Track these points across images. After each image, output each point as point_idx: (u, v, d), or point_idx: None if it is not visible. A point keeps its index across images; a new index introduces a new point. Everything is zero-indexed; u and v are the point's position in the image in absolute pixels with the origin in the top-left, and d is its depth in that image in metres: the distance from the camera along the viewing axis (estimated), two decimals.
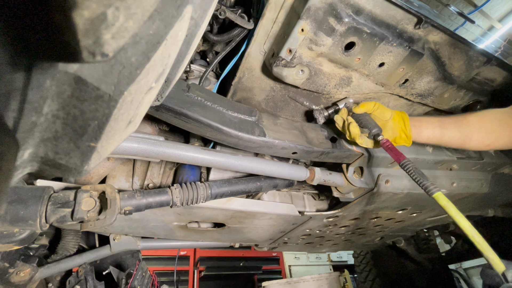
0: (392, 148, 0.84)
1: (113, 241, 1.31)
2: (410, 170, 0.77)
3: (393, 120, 0.95)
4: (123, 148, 0.76)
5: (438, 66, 0.98)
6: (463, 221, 0.67)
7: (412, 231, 1.93)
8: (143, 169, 1.03)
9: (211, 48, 1.11)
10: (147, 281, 1.46)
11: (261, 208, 1.10)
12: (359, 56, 0.87)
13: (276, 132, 0.91)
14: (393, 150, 0.83)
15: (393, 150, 0.83)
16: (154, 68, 0.35)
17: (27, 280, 1.12)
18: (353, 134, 0.91)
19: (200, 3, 0.40)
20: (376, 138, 0.90)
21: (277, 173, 0.99)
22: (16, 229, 0.60)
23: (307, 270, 4.94)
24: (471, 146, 0.97)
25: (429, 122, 0.97)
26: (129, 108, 0.38)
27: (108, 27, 0.24)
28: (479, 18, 0.84)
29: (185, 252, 3.87)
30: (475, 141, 0.95)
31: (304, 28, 0.78)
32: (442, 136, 0.96)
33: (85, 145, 0.38)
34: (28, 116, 0.33)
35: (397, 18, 0.83)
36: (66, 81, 0.31)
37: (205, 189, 0.90)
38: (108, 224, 0.67)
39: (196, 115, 0.78)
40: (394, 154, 0.82)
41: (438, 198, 0.70)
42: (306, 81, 0.94)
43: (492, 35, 0.89)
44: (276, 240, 1.55)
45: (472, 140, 0.95)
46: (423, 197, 1.23)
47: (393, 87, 1.03)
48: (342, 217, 1.28)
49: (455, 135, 0.95)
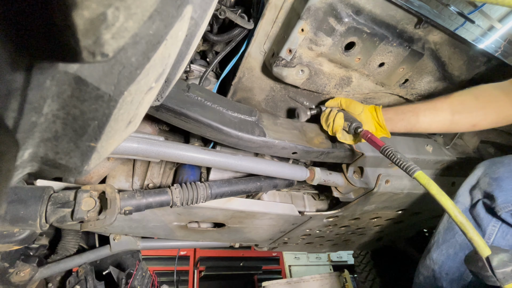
0: (372, 137, 0.84)
1: (113, 241, 1.31)
2: (391, 155, 0.76)
3: (365, 114, 0.94)
4: (123, 148, 0.76)
5: (438, 66, 0.98)
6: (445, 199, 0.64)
7: (412, 231, 1.93)
8: (143, 169, 1.03)
9: (211, 48, 1.11)
10: (147, 281, 1.46)
11: (261, 208, 1.10)
12: (359, 56, 0.87)
13: (276, 132, 0.91)
14: (374, 140, 0.83)
15: (373, 140, 0.83)
16: (154, 68, 0.35)
17: (27, 280, 1.12)
18: (337, 125, 0.90)
19: (200, 3, 0.40)
20: (356, 131, 0.89)
21: (277, 173, 1.00)
22: (16, 229, 0.60)
23: (307, 270, 4.94)
24: (454, 128, 0.93)
25: (403, 113, 0.94)
26: (129, 108, 0.38)
27: (108, 27, 0.24)
28: (479, 18, 0.84)
29: (185, 252, 3.86)
30: (458, 123, 0.91)
31: (304, 28, 0.78)
32: (418, 123, 0.93)
33: (85, 145, 0.38)
34: (28, 116, 0.33)
35: (397, 18, 0.83)
36: (66, 81, 0.31)
37: (205, 189, 0.90)
38: (108, 224, 0.67)
39: (196, 115, 0.78)
40: (375, 143, 0.82)
41: (419, 177, 0.68)
42: (306, 81, 0.94)
43: (492, 35, 0.89)
44: (276, 240, 1.55)
45: (453, 123, 0.91)
46: (423, 197, 1.23)
47: (393, 87, 1.03)
48: (342, 217, 1.28)
49: (433, 120, 0.92)
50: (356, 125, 0.90)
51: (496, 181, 0.84)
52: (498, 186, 0.83)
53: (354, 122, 0.90)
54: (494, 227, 0.87)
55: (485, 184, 0.87)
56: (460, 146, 1.27)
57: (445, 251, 0.97)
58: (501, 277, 0.58)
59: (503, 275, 0.58)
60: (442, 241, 0.98)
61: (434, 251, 1.00)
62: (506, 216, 0.82)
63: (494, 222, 0.87)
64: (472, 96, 0.90)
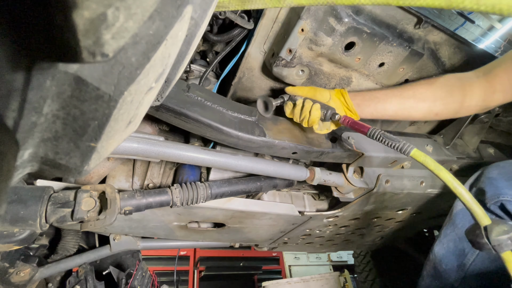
0: (354, 122, 0.80)
1: (113, 241, 1.31)
2: (380, 137, 0.73)
3: (333, 100, 0.90)
4: (123, 148, 0.76)
5: (438, 66, 0.98)
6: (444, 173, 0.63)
7: (412, 231, 1.93)
8: (143, 169, 1.03)
9: (211, 48, 1.11)
10: (147, 281, 1.46)
11: (261, 208, 1.10)
12: (359, 56, 0.87)
13: (276, 132, 0.91)
14: (356, 124, 0.79)
15: (356, 124, 0.79)
16: (154, 68, 0.35)
17: (27, 280, 1.12)
18: (314, 117, 0.84)
19: (200, 3, 0.40)
20: (334, 118, 0.84)
21: (277, 173, 1.00)
22: (16, 229, 0.60)
23: (307, 270, 4.94)
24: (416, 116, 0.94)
25: (370, 99, 0.93)
26: (129, 108, 0.38)
27: (108, 27, 0.24)
28: (479, 18, 0.84)
29: (185, 252, 3.86)
30: (421, 111, 0.92)
31: (304, 28, 0.78)
32: (385, 110, 0.93)
33: (85, 145, 0.38)
34: (28, 116, 0.33)
35: (397, 18, 0.83)
36: (66, 81, 0.31)
37: (205, 189, 0.90)
38: (108, 224, 0.67)
39: (196, 115, 0.78)
40: (359, 127, 0.78)
41: (416, 155, 0.67)
42: (306, 81, 0.94)
43: (492, 35, 0.89)
44: (276, 240, 1.55)
45: (417, 111, 0.92)
46: (423, 197, 1.23)
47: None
48: (342, 217, 1.28)
49: (399, 107, 0.92)
50: (332, 111, 0.84)
51: (489, 180, 0.92)
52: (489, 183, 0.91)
53: (329, 109, 0.84)
54: None
55: (480, 182, 0.95)
56: (460, 146, 1.27)
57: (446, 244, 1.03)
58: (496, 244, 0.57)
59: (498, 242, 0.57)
60: (444, 236, 1.04)
61: (437, 246, 1.07)
62: (494, 208, 0.89)
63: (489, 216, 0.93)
64: (437, 85, 0.91)
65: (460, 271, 0.99)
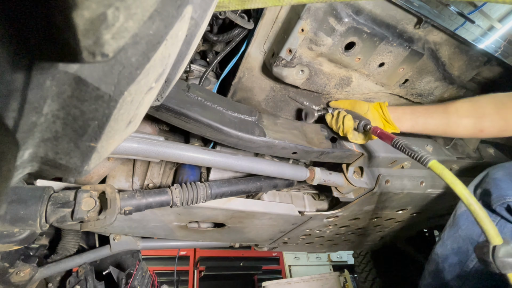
0: (382, 132, 0.85)
1: (113, 241, 1.31)
2: (402, 147, 0.77)
3: (371, 111, 0.95)
4: (123, 148, 0.76)
5: (438, 66, 0.98)
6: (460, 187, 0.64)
7: (412, 231, 1.93)
8: (143, 169, 1.03)
9: (211, 48, 1.11)
10: (147, 281, 1.46)
11: (261, 208, 1.10)
12: (359, 56, 0.87)
13: (276, 132, 0.91)
14: (383, 134, 0.84)
15: (383, 134, 0.84)
16: (154, 68, 0.35)
17: (27, 280, 1.12)
18: (347, 127, 0.91)
19: (200, 3, 0.40)
20: (366, 128, 0.90)
21: (277, 173, 0.99)
22: (16, 229, 0.60)
23: (307, 270, 4.93)
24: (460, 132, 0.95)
25: (411, 113, 0.96)
26: (129, 108, 0.38)
27: (108, 27, 0.24)
28: (479, 18, 0.84)
29: (185, 252, 3.86)
30: (465, 127, 0.93)
31: (304, 28, 0.78)
32: (426, 124, 0.95)
33: (85, 145, 0.38)
34: (28, 116, 0.33)
35: (397, 18, 0.83)
36: (66, 81, 0.31)
37: (205, 189, 0.90)
38: (108, 224, 0.67)
39: (196, 115, 0.78)
40: (386, 137, 0.83)
41: (434, 167, 0.68)
42: (306, 81, 0.94)
43: (492, 35, 0.89)
44: (276, 240, 1.55)
45: (460, 126, 0.93)
46: (423, 197, 1.23)
47: (393, 87, 1.03)
48: (342, 217, 1.28)
49: (441, 122, 0.93)
50: (365, 122, 0.90)
51: (494, 181, 0.91)
52: (495, 185, 0.90)
53: (363, 120, 0.91)
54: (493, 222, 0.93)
55: (486, 183, 0.94)
56: (460, 146, 1.27)
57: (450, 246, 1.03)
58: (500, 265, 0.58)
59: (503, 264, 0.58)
60: (447, 237, 1.05)
61: (440, 247, 1.07)
62: (500, 210, 0.88)
63: (493, 218, 0.93)
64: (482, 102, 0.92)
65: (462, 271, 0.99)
